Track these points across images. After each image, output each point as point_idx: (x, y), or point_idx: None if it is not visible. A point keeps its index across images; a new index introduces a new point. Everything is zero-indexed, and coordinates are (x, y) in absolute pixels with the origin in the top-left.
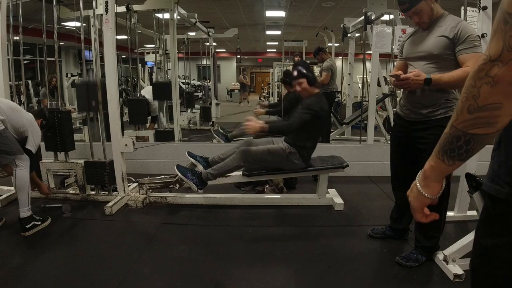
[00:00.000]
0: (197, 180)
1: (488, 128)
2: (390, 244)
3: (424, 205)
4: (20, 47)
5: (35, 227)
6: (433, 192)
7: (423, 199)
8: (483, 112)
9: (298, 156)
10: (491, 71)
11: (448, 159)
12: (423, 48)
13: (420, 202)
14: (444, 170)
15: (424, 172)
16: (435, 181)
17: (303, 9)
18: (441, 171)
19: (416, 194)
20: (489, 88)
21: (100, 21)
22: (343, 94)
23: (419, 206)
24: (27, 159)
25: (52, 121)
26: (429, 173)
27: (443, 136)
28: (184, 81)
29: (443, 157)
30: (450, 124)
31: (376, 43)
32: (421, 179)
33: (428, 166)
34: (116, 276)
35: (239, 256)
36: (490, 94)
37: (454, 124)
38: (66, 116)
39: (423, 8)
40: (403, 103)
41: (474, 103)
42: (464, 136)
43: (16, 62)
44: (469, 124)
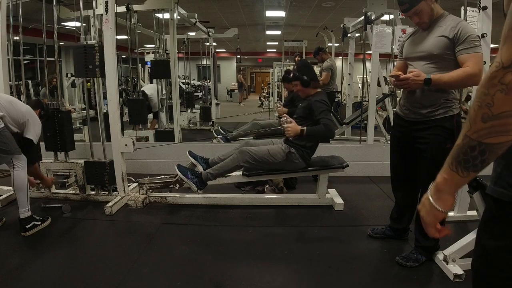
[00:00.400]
0: (197, 180)
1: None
2: (390, 244)
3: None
4: (20, 47)
5: (35, 227)
6: (447, 206)
7: (437, 213)
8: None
9: (297, 156)
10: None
11: (462, 171)
12: (423, 48)
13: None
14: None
15: (436, 185)
16: (449, 193)
17: (303, 9)
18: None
19: (428, 208)
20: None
21: (100, 21)
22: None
23: (432, 221)
24: (25, 159)
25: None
26: (442, 186)
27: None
28: (184, 81)
29: (457, 169)
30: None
31: (376, 43)
32: (434, 192)
33: (441, 179)
34: (116, 276)
35: (239, 256)
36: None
37: (467, 134)
38: (66, 116)
39: (423, 8)
40: (403, 103)
41: (488, 111)
42: (479, 146)
43: (16, 62)
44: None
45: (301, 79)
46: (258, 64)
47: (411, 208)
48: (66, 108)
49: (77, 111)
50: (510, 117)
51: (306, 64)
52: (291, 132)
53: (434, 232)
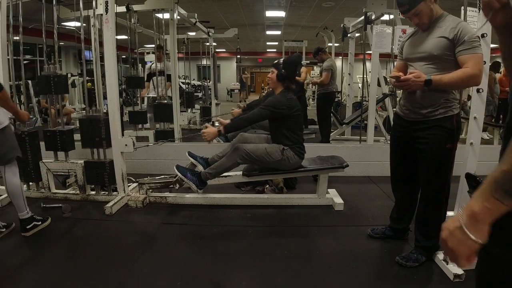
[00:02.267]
0: (197, 180)
1: None
2: (390, 244)
3: (474, 251)
4: (20, 47)
5: (35, 227)
6: (484, 236)
7: (473, 244)
8: None
9: (292, 152)
10: None
11: (508, 199)
12: (423, 49)
13: (469, 248)
14: (502, 211)
15: (474, 215)
16: (488, 223)
17: (303, 9)
18: (498, 212)
19: (462, 239)
20: None
21: (100, 21)
22: (343, 94)
23: (467, 253)
24: (16, 164)
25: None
26: (483, 216)
27: (501, 174)
28: (184, 81)
29: (503, 198)
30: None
31: (376, 43)
32: (469, 222)
33: (481, 208)
34: (116, 276)
35: (239, 256)
36: None
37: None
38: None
39: (422, 9)
40: (403, 103)
41: None
42: None
43: (16, 62)
44: None
45: (279, 71)
46: (258, 64)
47: (411, 208)
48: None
49: (77, 111)
50: None
51: (295, 62)
52: (207, 136)
53: (466, 263)
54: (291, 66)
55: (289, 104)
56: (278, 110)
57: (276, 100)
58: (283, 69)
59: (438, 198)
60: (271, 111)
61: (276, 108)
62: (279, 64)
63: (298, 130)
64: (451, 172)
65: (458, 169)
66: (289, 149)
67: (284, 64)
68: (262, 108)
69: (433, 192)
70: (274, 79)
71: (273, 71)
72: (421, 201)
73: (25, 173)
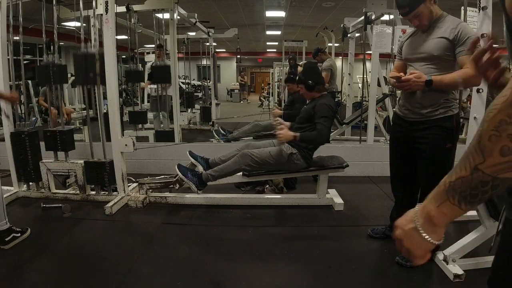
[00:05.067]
0: (197, 181)
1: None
2: (390, 244)
3: (429, 251)
4: (20, 47)
5: (14, 239)
6: (440, 238)
7: (429, 245)
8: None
9: (299, 157)
10: None
11: (466, 205)
12: (423, 49)
13: (425, 249)
14: (458, 215)
15: (430, 218)
16: (444, 226)
17: (303, 9)
18: (454, 216)
19: (418, 240)
20: None
21: (100, 21)
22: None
23: (422, 253)
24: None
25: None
26: (439, 220)
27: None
28: (184, 81)
29: (460, 203)
30: (471, 167)
31: (376, 43)
32: (426, 225)
33: (438, 213)
34: (116, 276)
35: (239, 256)
36: None
37: (480, 168)
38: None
39: (422, 11)
40: (402, 103)
41: (510, 143)
42: (493, 181)
43: (16, 62)
44: (501, 168)
45: (305, 83)
46: (258, 64)
47: (411, 208)
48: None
49: (77, 111)
50: None
51: (312, 68)
52: (283, 138)
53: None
54: (311, 72)
55: (335, 109)
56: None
57: (328, 108)
58: (306, 79)
59: None
60: (331, 119)
61: (332, 114)
62: (300, 78)
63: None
64: None
65: None
66: (298, 153)
67: (305, 75)
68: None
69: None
70: (306, 92)
71: (301, 87)
72: (421, 201)
73: (25, 173)
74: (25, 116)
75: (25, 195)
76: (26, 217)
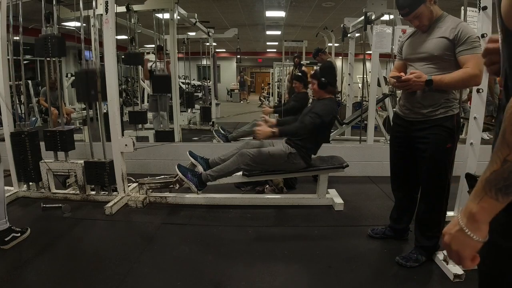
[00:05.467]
0: (197, 181)
1: None
2: (390, 244)
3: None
4: (20, 47)
5: (14, 239)
6: (485, 234)
7: (475, 244)
8: None
9: (298, 157)
10: None
11: (503, 197)
12: (424, 49)
13: (472, 248)
14: (497, 209)
15: (473, 215)
16: (487, 222)
17: (303, 9)
18: (495, 210)
19: (464, 240)
20: None
21: (100, 21)
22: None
23: (471, 253)
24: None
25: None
26: (481, 216)
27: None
28: (184, 81)
29: (497, 195)
30: (501, 159)
31: (376, 43)
32: (469, 223)
33: (479, 209)
34: (116, 276)
35: (239, 256)
36: None
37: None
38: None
39: (423, 11)
40: (403, 103)
41: None
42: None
43: (16, 62)
44: None
45: (319, 80)
46: (258, 64)
47: (411, 208)
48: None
49: (77, 111)
50: None
51: (331, 68)
52: (260, 135)
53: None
54: (329, 71)
55: (335, 114)
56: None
57: (328, 108)
58: (321, 77)
59: (438, 198)
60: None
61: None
62: (317, 74)
63: (322, 140)
64: (451, 172)
65: (458, 169)
66: (297, 153)
67: (321, 72)
68: (315, 117)
69: (433, 192)
70: (316, 89)
71: (313, 83)
72: (421, 201)
73: (25, 173)
74: (25, 116)
75: (25, 195)
76: (26, 217)
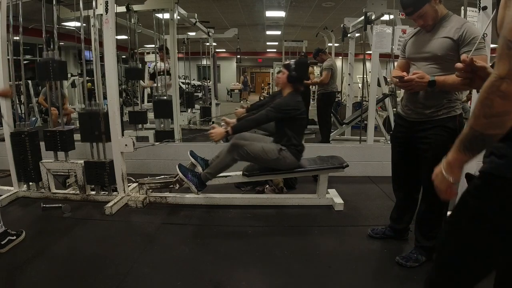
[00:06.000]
0: (197, 182)
1: (499, 130)
2: (390, 244)
3: (449, 188)
4: (20, 47)
5: (10, 242)
6: (456, 177)
7: (449, 183)
8: (496, 118)
9: (289, 153)
10: (501, 86)
11: (467, 153)
12: (427, 49)
13: (447, 185)
14: (465, 160)
15: (448, 162)
16: (458, 168)
17: (303, 9)
18: (463, 161)
19: (442, 178)
20: (500, 100)
21: (100, 21)
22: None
23: (446, 189)
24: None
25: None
26: (454, 163)
27: (463, 135)
28: (184, 81)
29: (464, 151)
30: (469, 127)
31: (376, 43)
32: (446, 167)
33: (452, 158)
34: (116, 276)
35: (239, 256)
36: (501, 104)
37: (472, 126)
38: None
39: (427, 11)
40: (405, 103)
41: (488, 110)
42: (481, 135)
43: (16, 62)
44: (485, 126)
45: (290, 72)
46: (258, 64)
47: (411, 208)
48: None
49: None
50: (505, 116)
51: (305, 64)
52: (215, 137)
53: (445, 196)
54: (302, 67)
55: (296, 106)
56: (285, 112)
57: (284, 102)
58: (294, 70)
59: (438, 198)
60: (278, 112)
61: (283, 110)
62: (291, 65)
63: (301, 132)
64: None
65: None
66: (287, 149)
67: (295, 66)
68: (270, 110)
69: (434, 192)
70: (284, 80)
71: (283, 72)
72: (422, 201)
73: (25, 173)
74: (25, 116)
75: (25, 195)
76: (26, 217)
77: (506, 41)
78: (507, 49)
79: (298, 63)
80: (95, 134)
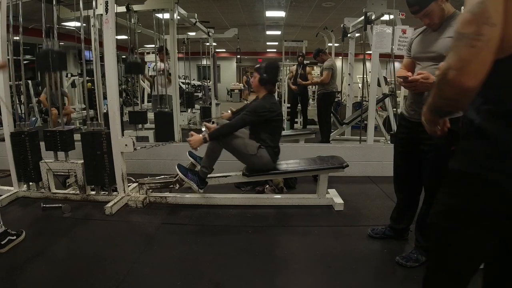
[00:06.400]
0: (198, 180)
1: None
2: (390, 244)
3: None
4: (20, 47)
5: (10, 242)
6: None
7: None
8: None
9: (266, 153)
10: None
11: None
12: (433, 48)
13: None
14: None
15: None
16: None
17: (303, 9)
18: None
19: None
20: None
21: (100, 21)
22: (343, 94)
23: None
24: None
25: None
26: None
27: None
28: (184, 81)
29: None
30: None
31: (376, 43)
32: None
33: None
34: (116, 276)
35: (239, 256)
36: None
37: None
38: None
39: (433, 9)
40: (409, 104)
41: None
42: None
43: (16, 62)
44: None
45: (261, 75)
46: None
47: (412, 209)
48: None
49: (77, 111)
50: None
51: (276, 67)
52: (193, 144)
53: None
54: (272, 70)
55: (271, 108)
56: (260, 115)
57: (258, 105)
58: (264, 73)
59: None
60: (253, 116)
61: (258, 113)
62: (261, 68)
63: (278, 134)
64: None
65: None
66: (265, 149)
67: (265, 68)
68: (246, 114)
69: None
70: (256, 83)
71: (255, 76)
72: (424, 202)
73: (25, 173)
74: (25, 116)
75: (25, 195)
76: (26, 217)
77: (456, 33)
78: (456, 41)
79: (268, 65)
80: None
